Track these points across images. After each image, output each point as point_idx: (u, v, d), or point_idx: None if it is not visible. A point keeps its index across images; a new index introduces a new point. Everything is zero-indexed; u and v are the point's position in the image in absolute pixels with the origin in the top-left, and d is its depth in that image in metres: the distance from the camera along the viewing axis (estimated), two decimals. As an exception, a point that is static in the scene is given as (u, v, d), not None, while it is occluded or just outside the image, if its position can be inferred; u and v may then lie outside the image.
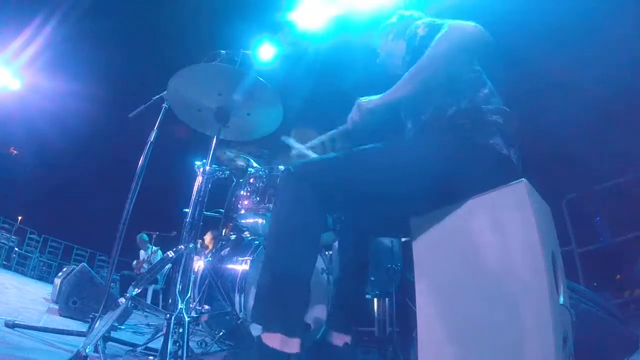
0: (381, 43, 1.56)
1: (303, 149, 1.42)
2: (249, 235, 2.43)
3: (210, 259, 2.07)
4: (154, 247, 5.45)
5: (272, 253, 1.00)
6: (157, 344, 1.36)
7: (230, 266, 2.06)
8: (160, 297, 5.14)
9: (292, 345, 0.89)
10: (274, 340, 0.88)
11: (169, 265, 1.35)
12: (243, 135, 1.73)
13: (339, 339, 1.32)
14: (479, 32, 1.08)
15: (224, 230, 3.39)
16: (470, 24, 1.09)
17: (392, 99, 1.14)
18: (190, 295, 1.35)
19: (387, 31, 1.53)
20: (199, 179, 1.48)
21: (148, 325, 2.56)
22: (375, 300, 3.13)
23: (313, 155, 1.37)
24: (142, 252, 5.67)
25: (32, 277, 9.07)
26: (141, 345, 1.50)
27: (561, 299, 0.93)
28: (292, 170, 1.07)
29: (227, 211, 2.01)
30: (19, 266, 9.48)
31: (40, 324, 1.70)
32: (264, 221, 1.91)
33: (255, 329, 1.58)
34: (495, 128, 1.10)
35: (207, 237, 4.45)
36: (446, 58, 1.08)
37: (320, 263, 2.03)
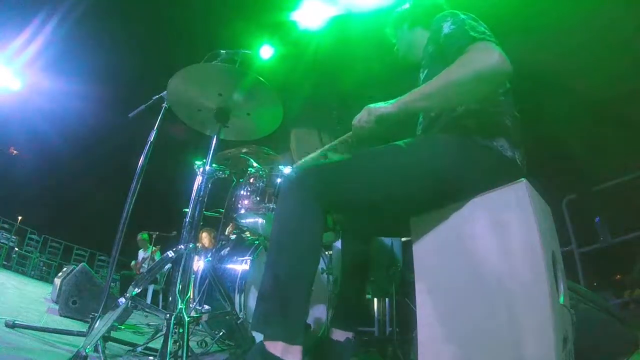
0: (396, 32, 1.52)
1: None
2: (249, 235, 2.43)
3: (210, 259, 2.07)
4: (153, 247, 5.45)
5: (274, 259, 0.99)
6: (157, 344, 1.36)
7: (230, 266, 2.06)
8: (160, 297, 5.14)
9: (294, 353, 0.88)
10: (275, 348, 0.88)
11: (169, 265, 1.35)
12: (243, 135, 1.73)
13: (341, 335, 1.32)
14: (506, 68, 0.98)
15: (225, 230, 3.39)
16: (495, 55, 0.98)
17: (407, 108, 1.07)
18: (190, 295, 1.34)
19: (401, 19, 1.49)
20: (198, 179, 1.48)
21: (148, 325, 2.57)
22: (375, 300, 3.13)
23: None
24: (140, 251, 5.67)
25: (32, 277, 9.07)
26: (141, 345, 1.50)
27: (561, 299, 0.92)
28: (295, 174, 1.06)
29: (227, 211, 2.01)
30: (19, 266, 9.47)
31: (40, 324, 1.70)
32: (264, 221, 1.91)
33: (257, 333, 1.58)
34: (501, 130, 1.09)
35: (204, 237, 4.45)
36: (468, 90, 1.02)
37: (320, 263, 2.03)
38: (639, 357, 1.46)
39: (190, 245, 1.34)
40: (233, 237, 2.54)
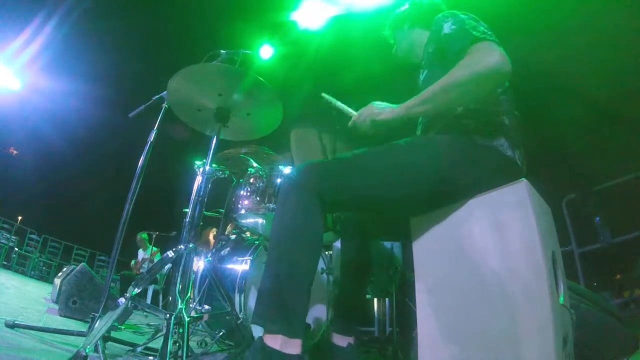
0: (396, 33, 1.51)
1: (342, 106, 1.38)
2: (249, 235, 2.43)
3: (210, 259, 2.07)
4: (153, 247, 5.44)
5: (275, 256, 1.00)
6: (157, 344, 1.36)
7: (230, 266, 2.06)
8: (160, 297, 5.14)
9: (293, 347, 0.89)
10: (275, 342, 0.88)
11: (169, 265, 1.35)
12: (243, 135, 1.73)
13: (342, 340, 1.32)
14: (507, 68, 0.98)
15: (226, 229, 3.38)
16: (496, 55, 0.99)
17: (409, 113, 1.09)
18: (190, 295, 1.34)
19: (401, 20, 1.49)
20: (198, 179, 1.48)
21: (148, 325, 2.57)
22: (375, 300, 3.13)
23: (353, 113, 1.29)
24: (140, 251, 5.66)
25: (32, 277, 9.07)
26: (141, 345, 1.50)
27: (561, 299, 0.92)
28: (295, 174, 1.06)
29: (227, 211, 2.01)
30: (19, 266, 9.46)
31: (40, 324, 1.70)
32: (264, 221, 1.91)
33: (256, 330, 1.58)
34: (501, 130, 1.09)
35: (211, 237, 4.43)
36: (469, 90, 1.02)
37: (320, 263, 2.03)
38: (639, 357, 1.46)
39: (190, 245, 1.34)
40: (233, 237, 2.54)
